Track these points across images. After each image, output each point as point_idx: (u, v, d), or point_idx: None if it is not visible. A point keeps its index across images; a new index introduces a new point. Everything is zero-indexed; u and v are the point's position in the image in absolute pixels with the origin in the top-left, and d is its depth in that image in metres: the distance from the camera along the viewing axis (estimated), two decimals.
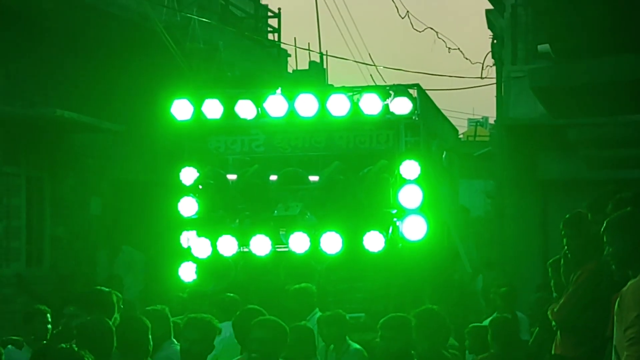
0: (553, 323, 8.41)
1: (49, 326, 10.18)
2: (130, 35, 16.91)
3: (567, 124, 14.79)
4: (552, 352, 8.47)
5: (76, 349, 6.72)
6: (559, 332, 8.37)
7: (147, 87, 17.25)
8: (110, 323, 7.80)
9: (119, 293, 14.11)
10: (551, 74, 11.23)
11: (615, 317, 5.96)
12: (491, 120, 44.57)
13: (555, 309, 8.36)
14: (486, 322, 12.41)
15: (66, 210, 16.81)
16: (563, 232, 8.42)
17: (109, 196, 17.89)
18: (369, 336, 10.16)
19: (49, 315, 10.33)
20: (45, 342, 8.46)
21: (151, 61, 17.49)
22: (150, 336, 8.08)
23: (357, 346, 9.99)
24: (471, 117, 51.60)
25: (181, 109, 12.43)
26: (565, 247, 8.39)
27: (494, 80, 24.18)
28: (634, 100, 11.64)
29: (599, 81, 10.59)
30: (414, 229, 11.74)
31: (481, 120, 50.32)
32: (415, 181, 11.77)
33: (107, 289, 8.70)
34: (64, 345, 6.82)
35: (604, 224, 6.27)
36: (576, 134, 14.39)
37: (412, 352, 8.40)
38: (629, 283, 5.96)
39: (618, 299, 5.95)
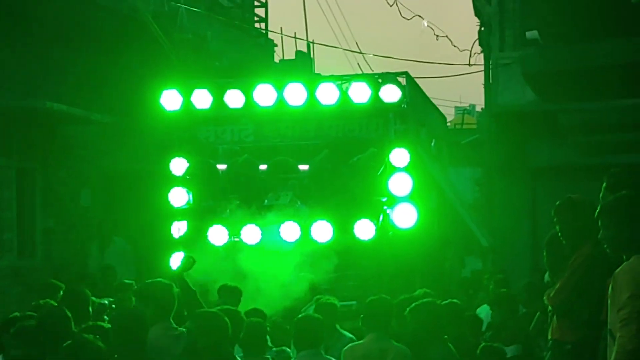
0: (549, 308, 8.40)
1: None
2: (119, 25, 16.86)
3: (556, 109, 14.80)
4: (549, 336, 8.48)
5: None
6: (555, 317, 8.37)
7: (136, 78, 17.21)
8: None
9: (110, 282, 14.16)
10: (542, 59, 11.26)
11: (609, 300, 5.98)
12: (478, 108, 44.57)
13: (551, 294, 8.36)
14: (479, 311, 12.42)
15: (57, 202, 16.76)
16: (555, 219, 8.39)
17: (99, 188, 17.85)
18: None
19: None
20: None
21: (140, 52, 17.45)
22: None
23: (349, 335, 9.98)
24: (458, 105, 51.52)
25: (170, 100, 12.44)
26: (559, 233, 8.38)
27: (482, 68, 24.16)
28: (624, 84, 11.67)
29: (590, 66, 10.62)
30: (405, 216, 11.77)
31: (468, 108, 50.24)
32: (405, 169, 11.80)
33: (166, 281, 8.44)
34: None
35: (599, 208, 6.28)
36: (566, 119, 14.39)
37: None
38: (621, 265, 5.98)
39: (611, 282, 5.98)
